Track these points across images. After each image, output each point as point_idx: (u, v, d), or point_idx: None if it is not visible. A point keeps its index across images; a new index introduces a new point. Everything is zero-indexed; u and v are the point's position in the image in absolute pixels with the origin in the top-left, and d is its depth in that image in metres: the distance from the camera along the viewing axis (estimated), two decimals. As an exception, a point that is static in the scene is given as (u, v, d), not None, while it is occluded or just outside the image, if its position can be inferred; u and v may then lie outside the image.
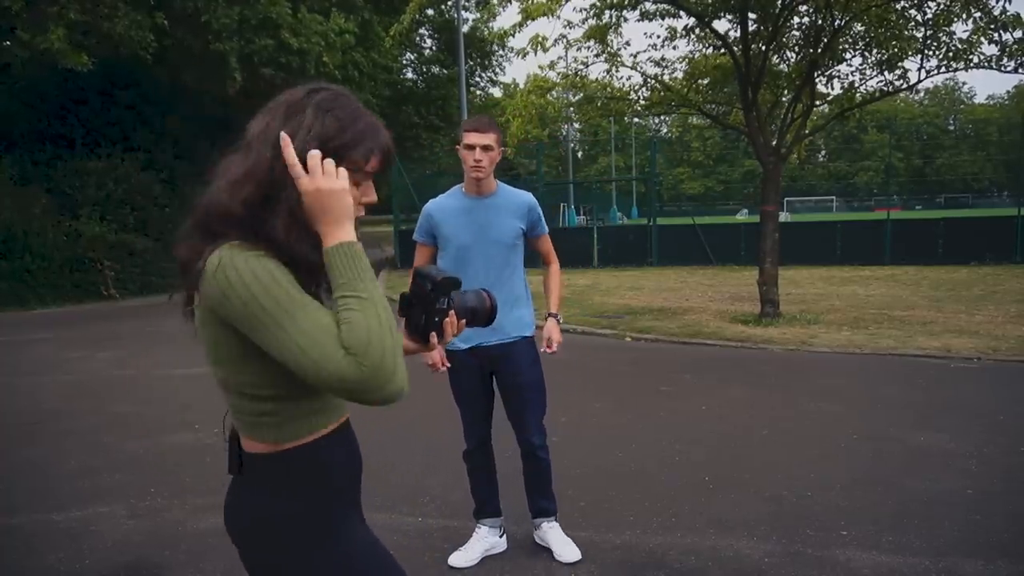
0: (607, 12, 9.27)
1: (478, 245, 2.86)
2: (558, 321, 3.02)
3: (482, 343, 2.89)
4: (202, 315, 1.17)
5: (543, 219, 3.03)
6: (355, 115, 1.19)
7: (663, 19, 9.41)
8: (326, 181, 1.12)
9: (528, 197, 2.98)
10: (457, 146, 2.87)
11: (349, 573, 1.28)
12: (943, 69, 8.55)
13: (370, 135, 1.19)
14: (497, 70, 29.25)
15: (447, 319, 1.33)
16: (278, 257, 1.12)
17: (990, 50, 8.12)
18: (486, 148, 2.79)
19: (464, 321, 1.39)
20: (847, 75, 9.50)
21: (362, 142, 1.18)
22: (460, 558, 3.00)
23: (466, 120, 2.89)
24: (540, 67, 10.27)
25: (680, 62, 10.26)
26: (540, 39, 8.91)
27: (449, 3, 22.37)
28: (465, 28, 20.43)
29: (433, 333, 1.33)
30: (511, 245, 2.90)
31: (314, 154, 1.12)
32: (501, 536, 3.13)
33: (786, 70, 9.77)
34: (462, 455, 3.08)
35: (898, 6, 8.39)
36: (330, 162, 1.13)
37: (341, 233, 1.12)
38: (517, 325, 2.93)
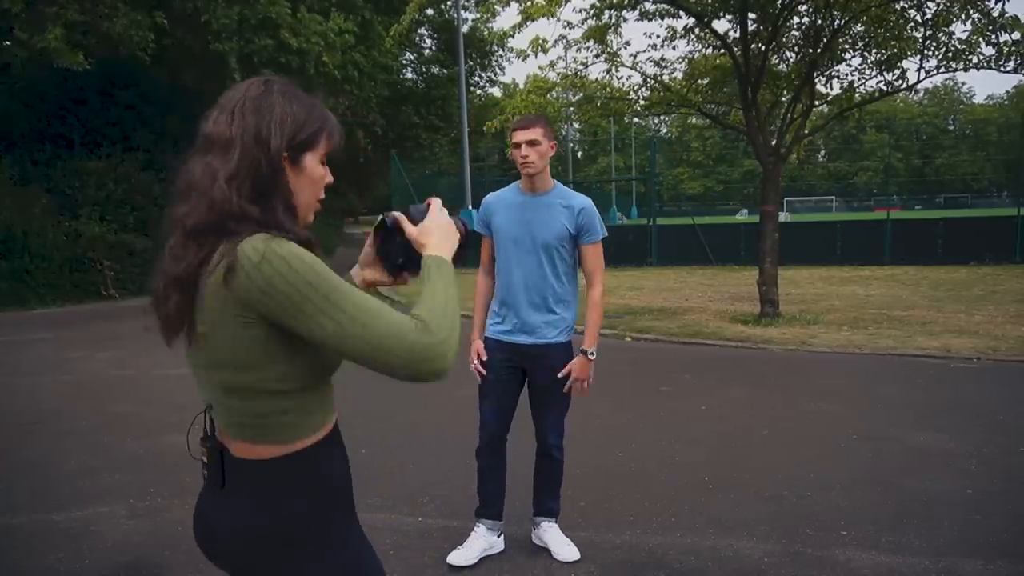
0: (607, 12, 9.27)
1: (523, 241, 2.84)
2: (588, 357, 2.87)
3: (515, 341, 2.89)
4: (218, 317, 1.11)
5: (599, 227, 2.89)
6: (311, 101, 1.24)
7: (663, 19, 9.42)
8: (444, 217, 1.32)
9: (582, 199, 2.88)
10: (509, 149, 2.87)
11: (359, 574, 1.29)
12: (942, 69, 8.56)
13: (327, 118, 1.25)
14: (497, 70, 29.24)
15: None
16: None
17: (989, 50, 8.11)
18: (532, 143, 2.76)
19: None
20: (846, 75, 9.52)
21: (324, 125, 1.24)
22: (459, 557, 2.99)
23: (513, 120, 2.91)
24: (540, 67, 10.29)
25: (680, 62, 10.28)
26: (540, 42, 8.90)
27: (449, 3, 22.36)
28: (465, 28, 20.43)
29: (406, 272, 1.38)
30: (556, 246, 2.84)
31: (435, 201, 1.33)
32: (499, 536, 3.11)
33: (785, 70, 9.77)
34: (475, 451, 3.06)
35: (897, 6, 8.39)
36: (437, 202, 1.33)
37: (445, 250, 1.28)
38: (552, 328, 2.89)
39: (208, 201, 1.13)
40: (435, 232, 1.29)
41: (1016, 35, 7.80)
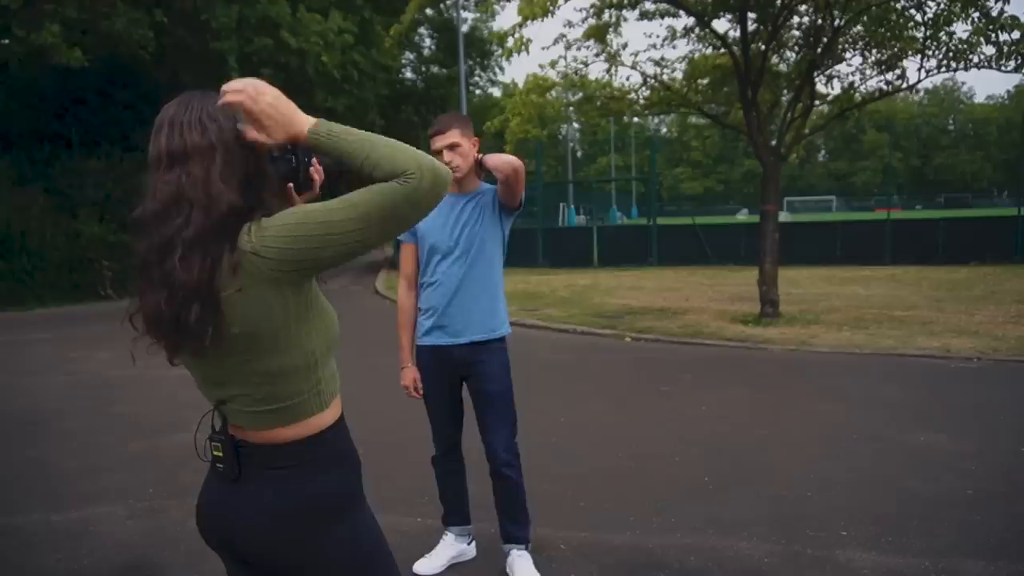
0: (607, 11, 9.28)
1: (451, 241, 2.71)
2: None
3: (453, 342, 2.74)
4: (256, 296, 1.17)
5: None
6: None
7: (663, 19, 9.43)
8: (266, 94, 1.19)
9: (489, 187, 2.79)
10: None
11: (375, 534, 1.39)
12: (943, 69, 8.55)
13: None
14: (497, 70, 29.17)
15: (312, 167, 1.38)
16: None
17: (989, 50, 8.11)
18: (452, 147, 2.64)
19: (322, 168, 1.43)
20: (846, 75, 9.52)
21: None
22: (425, 565, 2.95)
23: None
24: (540, 66, 10.29)
25: (680, 62, 10.28)
26: (524, 41, 8.88)
27: (449, 3, 22.35)
28: (465, 28, 20.42)
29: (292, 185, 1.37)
30: (483, 240, 2.72)
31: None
32: (470, 543, 3.06)
33: (786, 70, 9.77)
34: (431, 460, 3.00)
35: (898, 6, 8.39)
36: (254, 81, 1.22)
37: (304, 121, 1.19)
38: (490, 322, 2.75)
39: (204, 205, 1.16)
40: (272, 118, 1.19)
41: (1016, 35, 7.79)
